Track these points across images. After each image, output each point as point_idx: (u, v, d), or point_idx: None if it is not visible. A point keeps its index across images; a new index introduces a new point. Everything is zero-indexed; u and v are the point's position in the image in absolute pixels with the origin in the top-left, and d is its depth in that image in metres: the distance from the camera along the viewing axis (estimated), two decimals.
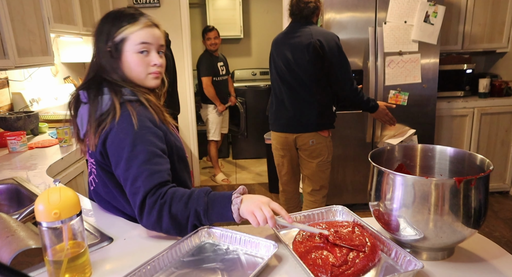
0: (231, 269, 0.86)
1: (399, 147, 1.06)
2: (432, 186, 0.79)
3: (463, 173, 0.96)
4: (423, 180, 0.81)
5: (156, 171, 0.97)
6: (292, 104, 2.25)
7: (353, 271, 0.80)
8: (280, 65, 2.30)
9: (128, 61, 1.06)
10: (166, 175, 0.99)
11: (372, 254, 0.84)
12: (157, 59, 1.08)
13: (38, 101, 2.51)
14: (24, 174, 1.57)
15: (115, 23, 1.05)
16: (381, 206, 0.88)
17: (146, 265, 0.82)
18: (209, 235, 0.98)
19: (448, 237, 0.82)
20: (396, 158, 1.05)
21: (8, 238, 0.87)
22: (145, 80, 1.09)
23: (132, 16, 1.06)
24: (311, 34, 2.15)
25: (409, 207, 0.82)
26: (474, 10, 3.23)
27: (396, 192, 0.84)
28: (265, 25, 5.38)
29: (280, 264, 0.87)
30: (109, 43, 1.06)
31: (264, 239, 0.91)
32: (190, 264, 0.88)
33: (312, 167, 2.30)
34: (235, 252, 0.93)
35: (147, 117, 1.04)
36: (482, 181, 0.81)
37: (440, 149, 1.01)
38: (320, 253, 0.86)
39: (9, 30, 1.85)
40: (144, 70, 1.08)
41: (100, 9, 3.06)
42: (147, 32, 1.06)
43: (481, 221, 0.83)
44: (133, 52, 1.05)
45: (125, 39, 1.05)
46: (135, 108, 1.03)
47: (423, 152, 1.04)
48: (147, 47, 1.06)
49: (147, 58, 1.07)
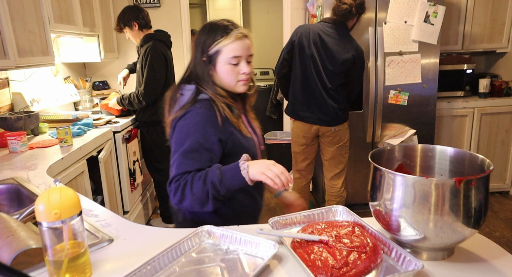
0: (231, 269, 0.86)
1: (399, 147, 1.05)
2: (432, 186, 0.79)
3: (463, 173, 0.95)
4: (423, 180, 0.81)
5: (190, 161, 1.12)
6: (327, 98, 2.39)
7: (355, 272, 0.80)
8: (316, 60, 2.36)
9: (220, 71, 1.19)
10: (198, 166, 1.11)
11: (374, 255, 0.84)
12: (246, 68, 1.19)
13: (38, 101, 2.51)
14: (25, 174, 1.57)
15: (210, 35, 1.18)
16: (381, 206, 0.88)
17: (146, 265, 0.82)
18: (209, 235, 0.99)
19: (448, 237, 0.82)
20: (396, 158, 1.05)
21: (9, 238, 0.87)
22: (235, 86, 1.22)
23: (225, 29, 1.17)
24: (352, 46, 2.33)
25: (409, 207, 0.82)
26: (474, 10, 3.23)
27: (396, 192, 0.83)
28: (265, 25, 5.38)
29: (280, 264, 0.87)
30: (204, 54, 1.19)
31: (264, 239, 0.91)
32: (190, 264, 0.88)
33: (333, 151, 2.50)
34: (235, 252, 0.93)
35: (209, 117, 1.16)
36: (482, 181, 0.81)
37: (440, 149, 1.01)
38: (319, 254, 0.85)
39: (10, 30, 1.85)
40: (234, 78, 1.20)
41: (100, 9, 3.06)
42: (238, 45, 1.17)
43: (481, 221, 0.83)
44: (225, 63, 1.18)
45: (218, 52, 1.17)
46: (204, 107, 1.16)
47: (423, 152, 1.04)
48: (238, 60, 1.18)
49: (237, 68, 1.19)
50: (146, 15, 2.68)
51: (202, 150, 1.13)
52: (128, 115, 2.83)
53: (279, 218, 1.03)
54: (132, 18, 2.63)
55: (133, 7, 2.67)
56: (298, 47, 2.38)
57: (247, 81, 1.22)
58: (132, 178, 2.74)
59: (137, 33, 2.68)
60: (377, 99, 2.92)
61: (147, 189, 3.24)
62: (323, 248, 0.87)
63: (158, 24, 3.31)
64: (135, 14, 2.63)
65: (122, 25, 2.67)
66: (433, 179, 0.80)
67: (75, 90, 3.05)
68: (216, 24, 1.19)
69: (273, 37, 5.32)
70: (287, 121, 3.79)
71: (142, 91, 2.58)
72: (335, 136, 2.46)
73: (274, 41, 5.29)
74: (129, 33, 2.70)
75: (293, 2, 3.46)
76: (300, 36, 2.37)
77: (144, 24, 2.67)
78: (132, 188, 2.75)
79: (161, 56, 2.63)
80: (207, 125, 1.14)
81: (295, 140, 2.59)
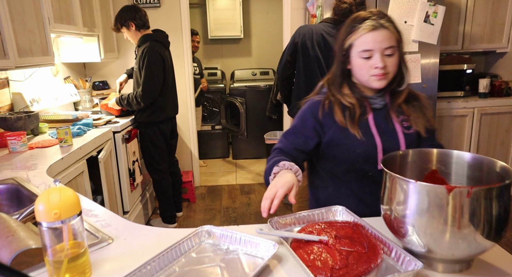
0: (231, 269, 0.86)
1: (413, 151, 0.99)
2: (450, 195, 0.73)
3: (482, 181, 0.90)
4: (439, 188, 0.74)
5: (285, 141, 1.25)
6: None
7: (354, 273, 0.80)
8: (321, 61, 2.35)
9: (354, 65, 1.17)
10: (291, 145, 1.23)
11: (374, 255, 0.84)
12: (379, 61, 1.11)
13: (38, 101, 2.51)
14: (24, 174, 1.57)
15: (347, 29, 1.17)
16: (393, 213, 0.84)
17: (146, 265, 0.82)
18: (209, 235, 0.99)
19: (466, 249, 0.76)
20: (409, 163, 0.99)
21: (8, 238, 0.87)
22: (368, 81, 1.16)
23: (360, 21, 1.13)
24: None
25: (423, 216, 0.77)
26: (474, 10, 3.23)
27: (410, 200, 0.78)
28: (265, 25, 5.38)
29: (280, 264, 0.87)
30: (341, 49, 1.19)
31: (264, 239, 0.91)
32: (190, 264, 0.88)
33: None
34: (235, 252, 0.93)
35: (313, 108, 1.24)
36: (505, 189, 0.75)
37: (457, 155, 0.95)
38: (319, 254, 0.85)
39: (10, 30, 1.85)
40: (366, 73, 1.15)
41: (100, 9, 3.06)
42: (368, 38, 1.12)
43: (503, 232, 0.77)
44: (356, 57, 1.15)
45: (351, 45, 1.16)
46: (317, 99, 1.25)
47: (438, 157, 0.98)
48: (369, 53, 1.12)
49: (370, 62, 1.13)
50: (143, 15, 2.65)
51: (298, 133, 1.24)
52: (128, 115, 2.83)
53: (279, 218, 1.03)
54: (129, 18, 2.61)
55: (131, 7, 2.65)
56: (302, 49, 2.36)
57: (383, 76, 1.14)
58: (131, 178, 2.74)
59: (135, 33, 2.67)
60: None
61: (147, 189, 3.24)
62: (322, 248, 0.87)
63: (158, 24, 3.31)
64: (132, 14, 2.61)
65: (119, 25, 2.66)
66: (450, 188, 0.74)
67: (75, 90, 3.05)
68: (355, 16, 1.16)
69: (273, 37, 5.32)
70: (287, 121, 3.79)
71: (140, 93, 2.58)
72: None
73: (274, 41, 5.29)
74: (127, 33, 2.70)
75: (293, 2, 3.46)
76: (303, 37, 2.35)
77: (142, 25, 2.64)
78: (131, 188, 2.75)
79: (159, 57, 2.62)
80: (308, 114, 1.24)
81: None
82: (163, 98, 2.73)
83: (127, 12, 2.62)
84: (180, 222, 3.14)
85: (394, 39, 1.13)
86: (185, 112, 3.71)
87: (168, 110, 2.79)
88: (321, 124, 1.22)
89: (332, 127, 1.21)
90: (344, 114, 1.20)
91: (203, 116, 4.76)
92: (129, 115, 2.83)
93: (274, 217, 1.02)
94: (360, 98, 1.21)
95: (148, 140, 2.78)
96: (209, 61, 5.47)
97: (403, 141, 1.20)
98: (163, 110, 2.75)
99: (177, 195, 3.14)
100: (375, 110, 1.22)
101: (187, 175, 3.56)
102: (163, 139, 2.82)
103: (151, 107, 2.68)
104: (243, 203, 3.50)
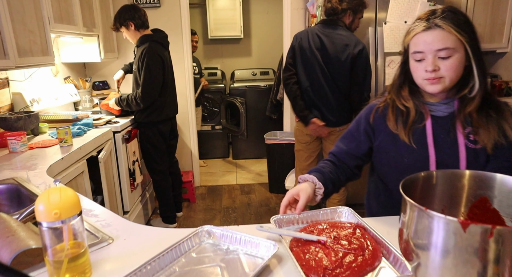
0: (231, 269, 0.86)
1: (439, 174, 0.78)
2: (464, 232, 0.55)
3: None
4: (474, 228, 0.54)
5: (339, 144, 1.26)
6: (334, 98, 2.43)
7: (348, 274, 0.79)
8: (320, 61, 2.38)
9: (410, 67, 1.10)
10: (337, 150, 1.26)
11: (372, 258, 0.84)
12: (429, 64, 1.02)
13: (38, 101, 2.51)
14: (25, 174, 1.57)
15: (408, 28, 1.10)
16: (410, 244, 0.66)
17: (146, 265, 0.82)
18: (209, 235, 0.99)
19: None
20: (434, 188, 0.78)
21: (9, 238, 0.87)
22: (422, 85, 1.08)
23: (417, 20, 1.06)
24: (352, 42, 2.33)
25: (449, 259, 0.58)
26: (474, 10, 3.23)
27: (434, 238, 0.59)
28: (265, 25, 5.38)
29: (280, 264, 0.87)
30: (403, 49, 1.13)
31: (264, 239, 0.91)
32: (190, 264, 0.88)
33: None
34: (235, 252, 0.93)
35: (368, 111, 1.22)
36: None
37: (501, 180, 0.71)
38: (315, 254, 0.85)
39: (10, 30, 1.85)
40: (419, 76, 1.07)
41: (100, 9, 3.06)
42: (419, 39, 1.04)
43: None
44: (411, 59, 1.08)
45: (408, 46, 1.09)
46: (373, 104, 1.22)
47: (474, 182, 0.75)
48: (421, 55, 1.04)
49: (423, 64, 1.05)
50: (142, 14, 2.64)
51: (351, 137, 1.24)
52: (128, 115, 2.83)
53: (282, 216, 1.03)
54: (128, 18, 2.60)
55: (130, 6, 2.64)
56: (300, 51, 2.41)
57: (435, 81, 1.03)
58: (131, 178, 2.74)
59: (134, 33, 2.66)
60: None
61: (147, 190, 3.24)
62: (319, 248, 0.87)
63: (158, 24, 3.30)
64: (131, 13, 2.60)
65: (118, 25, 2.65)
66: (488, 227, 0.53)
67: (75, 90, 3.05)
68: (418, 16, 1.08)
69: (273, 37, 5.32)
70: (287, 121, 3.79)
71: (139, 94, 2.58)
72: (339, 134, 2.48)
73: (274, 41, 5.29)
74: (126, 33, 2.69)
75: (293, 2, 3.46)
76: (300, 40, 2.41)
77: (141, 24, 2.64)
78: (132, 188, 2.75)
79: (158, 58, 2.61)
80: (362, 117, 1.23)
81: (299, 138, 2.61)
82: (162, 99, 2.73)
83: (126, 12, 2.61)
84: (180, 222, 3.14)
85: (451, 40, 1.00)
86: (185, 112, 3.71)
87: (167, 110, 2.79)
88: (372, 128, 1.19)
89: (383, 131, 1.16)
90: (398, 118, 1.13)
91: (203, 116, 4.76)
92: (129, 115, 2.83)
93: (277, 215, 1.02)
94: (419, 103, 1.12)
95: (147, 141, 2.78)
96: (209, 61, 5.47)
97: (464, 156, 1.05)
98: (162, 111, 2.74)
99: (177, 195, 3.14)
100: (436, 118, 1.10)
101: (187, 175, 3.56)
102: (162, 139, 2.82)
103: (150, 108, 2.68)
104: (243, 203, 3.50)
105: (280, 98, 3.89)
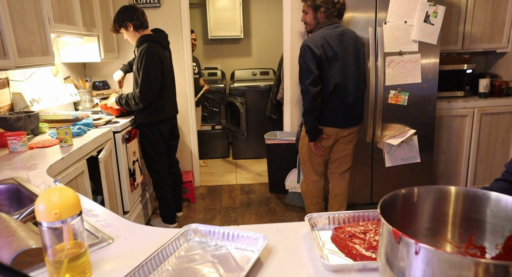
0: (224, 263, 0.88)
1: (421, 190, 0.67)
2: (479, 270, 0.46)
3: None
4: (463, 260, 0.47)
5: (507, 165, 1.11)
6: (357, 99, 2.44)
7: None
8: (344, 65, 2.36)
9: None
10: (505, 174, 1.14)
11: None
12: None
13: (38, 101, 2.51)
14: (25, 174, 1.57)
15: None
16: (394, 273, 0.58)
17: (142, 265, 0.83)
18: (195, 233, 1.00)
19: None
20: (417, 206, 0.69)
21: (9, 238, 0.87)
22: None
23: None
24: (356, 37, 2.39)
25: None
26: (474, 10, 3.23)
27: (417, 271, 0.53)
28: (265, 25, 5.38)
29: (271, 256, 0.89)
30: None
31: (252, 232, 0.94)
32: (182, 263, 0.89)
33: (349, 149, 2.57)
34: (224, 247, 0.95)
35: None
36: None
37: (496, 199, 0.62)
38: (351, 246, 0.90)
39: (10, 30, 1.85)
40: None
41: (100, 9, 3.06)
42: None
43: None
44: None
45: None
46: None
47: (463, 201, 0.65)
48: None
49: None
50: (141, 15, 2.63)
51: None
52: (128, 115, 2.83)
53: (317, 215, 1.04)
54: (126, 18, 2.60)
55: (128, 7, 2.63)
56: (326, 59, 2.29)
57: None
58: (132, 178, 2.74)
59: (133, 34, 2.66)
60: (377, 99, 2.92)
61: (147, 190, 3.24)
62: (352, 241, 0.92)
63: (158, 24, 3.30)
64: (130, 14, 2.59)
65: (117, 26, 2.65)
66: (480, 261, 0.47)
67: (75, 90, 3.05)
68: None
69: (273, 37, 5.32)
70: (287, 121, 3.79)
71: (138, 94, 2.57)
72: (354, 135, 2.53)
73: (274, 41, 5.29)
74: (126, 34, 2.69)
75: (293, 2, 3.46)
76: (322, 48, 2.27)
77: (139, 25, 2.63)
78: (132, 188, 2.75)
79: (156, 58, 2.60)
80: None
81: (323, 143, 2.48)
82: (162, 99, 2.72)
83: (124, 13, 2.60)
84: (180, 222, 3.14)
85: None
86: (185, 112, 3.71)
87: (166, 111, 2.79)
88: None
89: None
90: None
91: (203, 116, 4.76)
92: (129, 115, 2.83)
93: (312, 214, 1.04)
94: None
95: (146, 141, 2.78)
96: (209, 61, 5.47)
97: None
98: (161, 111, 2.74)
99: (177, 195, 3.14)
100: None
101: (187, 175, 3.56)
102: (162, 139, 2.82)
103: (149, 108, 2.68)
104: (243, 203, 3.50)
105: (280, 98, 3.88)
